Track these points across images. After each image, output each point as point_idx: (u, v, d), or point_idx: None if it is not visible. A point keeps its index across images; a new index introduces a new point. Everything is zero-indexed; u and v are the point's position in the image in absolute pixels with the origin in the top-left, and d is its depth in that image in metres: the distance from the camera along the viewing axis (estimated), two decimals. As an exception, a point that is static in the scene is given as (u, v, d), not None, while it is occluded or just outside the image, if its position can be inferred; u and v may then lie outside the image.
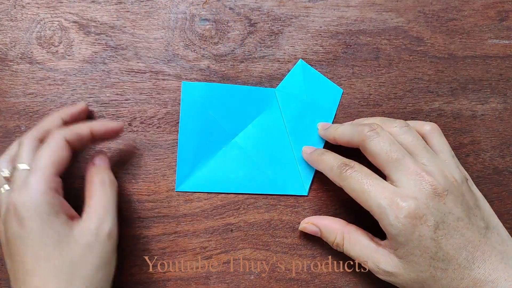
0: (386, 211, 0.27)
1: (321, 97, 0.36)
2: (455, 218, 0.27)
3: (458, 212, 0.28)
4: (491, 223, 0.29)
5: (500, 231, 0.29)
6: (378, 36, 0.37)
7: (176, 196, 0.35)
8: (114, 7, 0.36)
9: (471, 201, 0.29)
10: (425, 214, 0.27)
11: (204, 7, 0.36)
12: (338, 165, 0.30)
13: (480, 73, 0.37)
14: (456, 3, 0.38)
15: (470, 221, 0.28)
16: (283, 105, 0.36)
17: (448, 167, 0.30)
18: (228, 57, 0.36)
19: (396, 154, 0.28)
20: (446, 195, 0.27)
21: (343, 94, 0.36)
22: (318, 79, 0.36)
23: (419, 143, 0.30)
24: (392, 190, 0.28)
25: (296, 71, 0.36)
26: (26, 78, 0.35)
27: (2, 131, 0.35)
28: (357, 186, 0.28)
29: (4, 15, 0.35)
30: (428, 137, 0.32)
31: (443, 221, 0.27)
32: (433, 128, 0.32)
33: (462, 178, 0.29)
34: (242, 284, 0.34)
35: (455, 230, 0.27)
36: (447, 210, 0.27)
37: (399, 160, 0.28)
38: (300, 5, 0.37)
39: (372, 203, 0.28)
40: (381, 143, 0.29)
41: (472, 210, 0.28)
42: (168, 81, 0.35)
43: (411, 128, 0.31)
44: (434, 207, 0.27)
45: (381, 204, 0.27)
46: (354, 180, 0.29)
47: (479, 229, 0.28)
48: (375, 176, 0.29)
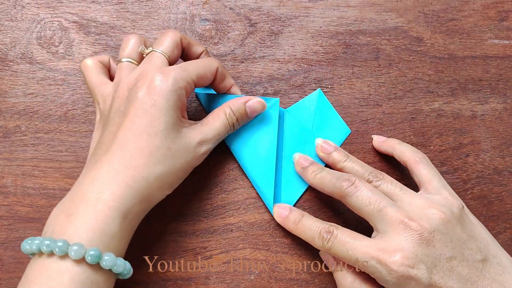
0: (378, 269, 0.27)
1: (328, 132, 0.36)
2: (447, 258, 0.27)
3: (448, 251, 0.27)
4: (490, 253, 0.29)
5: (501, 259, 0.29)
6: (378, 36, 0.37)
7: (176, 196, 0.35)
8: (114, 7, 0.36)
9: (464, 233, 0.29)
10: (415, 263, 0.27)
11: (204, 7, 0.36)
12: (318, 236, 0.30)
13: (480, 73, 0.37)
14: (456, 3, 0.38)
15: (463, 257, 0.28)
16: (288, 127, 0.35)
17: (433, 202, 0.29)
18: (228, 57, 0.36)
19: (377, 206, 0.29)
20: (434, 237, 0.27)
21: (342, 94, 0.36)
22: (330, 113, 0.36)
23: (395, 188, 0.30)
24: (378, 247, 0.28)
25: (311, 99, 0.36)
26: (26, 78, 0.35)
27: (2, 131, 0.35)
28: (344, 254, 0.29)
29: (4, 15, 0.35)
30: (416, 168, 0.32)
31: (435, 265, 0.27)
32: (420, 158, 0.32)
33: (451, 210, 0.29)
34: (242, 284, 0.34)
35: (450, 271, 0.27)
36: (438, 253, 0.27)
37: (381, 211, 0.29)
38: (300, 5, 0.37)
39: (360, 264, 0.28)
40: (360, 199, 0.29)
41: (465, 243, 0.28)
42: (168, 81, 0.35)
43: (385, 178, 0.31)
44: (423, 254, 0.27)
45: (371, 264, 0.27)
46: (338, 249, 0.29)
47: (475, 263, 0.28)
48: (357, 237, 0.29)
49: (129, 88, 0.29)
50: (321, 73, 0.36)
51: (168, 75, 0.29)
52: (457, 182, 0.36)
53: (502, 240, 0.36)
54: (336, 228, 0.30)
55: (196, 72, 0.30)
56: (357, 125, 0.36)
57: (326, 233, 0.30)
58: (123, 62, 0.31)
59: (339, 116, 0.36)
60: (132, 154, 0.27)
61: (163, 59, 0.30)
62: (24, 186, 0.34)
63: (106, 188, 0.26)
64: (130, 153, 0.27)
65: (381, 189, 0.31)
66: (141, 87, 0.29)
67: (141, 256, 0.33)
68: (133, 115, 0.28)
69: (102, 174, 0.27)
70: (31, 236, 0.27)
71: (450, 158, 0.36)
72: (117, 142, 0.28)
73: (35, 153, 0.35)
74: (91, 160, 0.29)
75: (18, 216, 0.34)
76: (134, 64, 0.31)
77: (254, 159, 0.34)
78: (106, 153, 0.28)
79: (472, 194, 0.36)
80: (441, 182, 0.31)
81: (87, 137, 0.35)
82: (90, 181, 0.27)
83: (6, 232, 0.34)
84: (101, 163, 0.27)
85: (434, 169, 0.32)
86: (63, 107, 0.35)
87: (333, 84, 0.36)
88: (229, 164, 0.35)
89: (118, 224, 0.26)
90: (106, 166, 0.27)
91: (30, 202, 0.34)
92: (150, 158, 0.28)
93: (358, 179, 0.30)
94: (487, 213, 0.36)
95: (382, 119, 0.36)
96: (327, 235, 0.29)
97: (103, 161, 0.27)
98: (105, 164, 0.27)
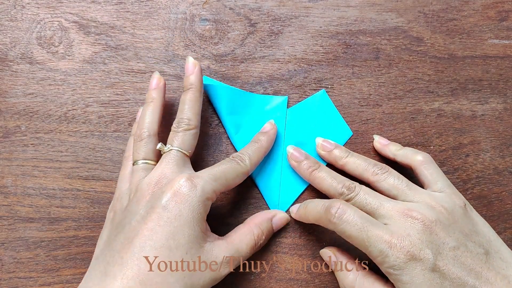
0: (388, 254, 0.27)
1: (329, 132, 0.36)
2: (450, 248, 0.27)
3: (451, 241, 0.28)
4: (492, 248, 0.29)
5: (503, 255, 0.29)
6: (378, 36, 0.37)
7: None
8: (114, 7, 0.36)
9: (466, 228, 0.29)
10: (421, 248, 0.27)
11: (204, 7, 0.36)
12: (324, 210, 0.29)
13: (480, 73, 0.37)
14: (456, 3, 0.38)
15: (467, 248, 0.28)
16: (289, 127, 0.35)
17: (436, 198, 0.30)
18: (228, 57, 0.36)
19: (376, 203, 0.29)
20: (436, 226, 0.28)
21: (342, 94, 0.36)
22: (332, 115, 0.36)
23: (401, 183, 0.30)
24: (388, 232, 0.27)
25: (314, 99, 0.36)
26: (26, 78, 0.35)
27: (2, 131, 0.35)
28: (354, 234, 0.28)
29: (4, 15, 0.35)
30: (420, 168, 0.32)
31: (440, 252, 0.27)
32: (425, 158, 0.32)
33: (453, 206, 0.29)
34: (242, 284, 0.34)
35: (454, 260, 0.27)
36: (441, 241, 0.27)
37: (379, 207, 0.29)
38: (300, 5, 0.37)
39: (373, 249, 0.27)
40: (359, 201, 0.29)
41: (468, 236, 0.28)
42: (168, 81, 0.35)
43: (391, 172, 0.31)
44: (427, 240, 0.27)
45: (382, 249, 0.27)
46: (349, 226, 0.28)
47: (478, 255, 0.28)
48: (369, 219, 0.28)
49: (152, 192, 0.28)
50: (321, 73, 0.36)
51: (197, 184, 0.27)
52: (457, 182, 0.36)
53: (503, 240, 0.36)
54: (344, 204, 0.29)
55: (226, 180, 0.29)
56: (357, 125, 0.36)
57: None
58: (139, 165, 0.30)
59: (342, 118, 0.36)
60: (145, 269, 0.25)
61: (184, 159, 0.29)
62: (24, 186, 0.34)
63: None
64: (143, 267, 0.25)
65: (386, 182, 0.31)
66: (166, 193, 0.27)
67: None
68: (155, 224, 0.26)
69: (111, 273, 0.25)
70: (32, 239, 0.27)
71: (450, 158, 0.36)
72: (133, 253, 0.25)
73: (35, 153, 0.35)
74: (100, 267, 0.26)
75: (18, 216, 0.34)
76: (151, 164, 0.30)
77: None
78: (120, 265, 0.25)
79: (472, 194, 0.36)
80: (445, 182, 0.31)
81: (87, 137, 0.35)
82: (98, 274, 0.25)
83: (6, 232, 0.34)
84: (113, 277, 0.25)
85: (438, 169, 0.32)
86: (63, 107, 0.35)
87: (333, 84, 0.36)
88: (229, 164, 0.35)
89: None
90: (119, 283, 0.24)
91: (30, 202, 0.34)
92: (167, 278, 0.25)
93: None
94: (487, 213, 0.36)
95: (382, 119, 0.36)
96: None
97: (116, 275, 0.25)
98: (118, 279, 0.24)
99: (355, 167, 0.32)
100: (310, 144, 0.35)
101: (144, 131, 0.31)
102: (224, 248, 0.28)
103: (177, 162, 0.29)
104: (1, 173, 0.34)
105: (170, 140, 0.30)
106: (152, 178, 0.28)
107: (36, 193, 0.34)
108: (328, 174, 0.32)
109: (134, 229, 0.26)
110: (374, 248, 0.27)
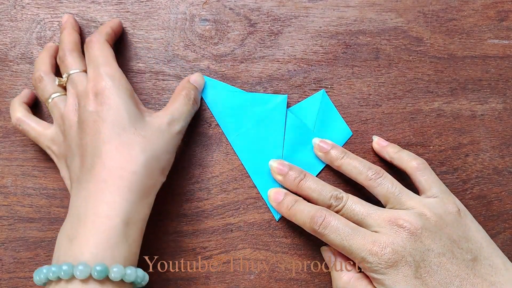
0: (369, 260, 0.28)
1: (329, 133, 0.36)
2: (436, 254, 0.28)
3: (437, 248, 0.28)
4: (482, 254, 0.29)
5: (493, 261, 0.29)
6: (378, 36, 0.37)
7: (175, 196, 0.35)
8: (114, 7, 0.36)
9: (456, 234, 0.29)
10: (404, 256, 0.27)
11: (204, 7, 0.36)
12: (309, 221, 0.30)
13: (479, 73, 0.37)
14: (456, 3, 0.38)
15: (453, 255, 0.28)
16: (289, 127, 0.35)
17: (428, 204, 0.30)
18: (228, 57, 0.36)
19: (363, 212, 0.30)
20: (421, 233, 0.28)
21: (342, 94, 0.36)
22: (332, 115, 0.36)
23: (394, 189, 0.31)
24: (371, 240, 0.28)
25: (314, 99, 0.36)
26: (26, 78, 0.35)
27: (2, 131, 0.35)
28: (337, 242, 0.29)
29: (4, 15, 0.35)
30: (415, 174, 0.32)
31: (423, 259, 0.28)
32: (419, 164, 0.32)
33: (444, 212, 0.30)
34: (242, 284, 0.34)
35: (438, 266, 0.28)
36: (425, 248, 0.28)
37: (367, 216, 0.30)
38: (300, 5, 0.37)
39: (355, 256, 0.28)
40: (334, 235, 0.29)
41: (456, 243, 0.29)
42: (168, 81, 0.35)
43: (385, 177, 0.31)
44: (411, 247, 0.28)
45: (364, 257, 0.28)
46: (333, 235, 0.29)
47: (465, 262, 0.28)
48: (352, 226, 0.29)
49: (76, 111, 0.30)
50: (321, 73, 0.36)
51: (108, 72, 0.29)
52: (457, 182, 0.36)
53: (502, 240, 0.36)
54: (329, 213, 0.30)
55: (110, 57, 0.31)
56: (357, 125, 0.36)
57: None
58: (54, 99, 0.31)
59: (342, 118, 0.36)
60: (111, 158, 0.27)
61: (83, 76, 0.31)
62: (24, 186, 0.34)
63: (99, 200, 0.26)
64: (108, 157, 0.27)
65: (380, 188, 0.31)
66: (87, 104, 0.29)
67: (141, 256, 0.33)
68: (94, 127, 0.28)
69: (91, 189, 0.27)
70: (32, 239, 0.27)
71: (449, 158, 0.36)
72: (92, 156, 0.27)
73: (35, 153, 0.35)
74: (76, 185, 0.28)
75: (18, 216, 0.34)
76: (63, 95, 0.32)
77: (259, 156, 0.34)
78: (87, 170, 0.27)
79: (472, 194, 0.36)
80: (440, 188, 0.32)
81: (87, 137, 0.35)
82: (82, 200, 0.27)
83: (6, 232, 0.34)
84: (86, 182, 0.27)
85: (434, 174, 0.32)
86: None
87: (333, 84, 0.36)
88: (229, 164, 0.35)
89: (121, 233, 0.26)
90: (93, 180, 0.27)
91: (30, 202, 0.34)
92: (130, 152, 0.28)
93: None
94: (487, 213, 0.36)
95: (382, 119, 0.36)
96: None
97: (88, 179, 0.27)
98: (91, 179, 0.27)
99: (350, 169, 0.32)
100: (309, 144, 0.35)
101: (39, 73, 0.32)
102: (162, 115, 0.30)
103: (82, 84, 0.30)
104: (1, 173, 0.34)
105: (63, 71, 0.32)
106: (70, 103, 0.30)
107: (36, 193, 0.34)
108: (316, 184, 0.32)
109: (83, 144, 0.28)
110: (356, 255, 0.28)
